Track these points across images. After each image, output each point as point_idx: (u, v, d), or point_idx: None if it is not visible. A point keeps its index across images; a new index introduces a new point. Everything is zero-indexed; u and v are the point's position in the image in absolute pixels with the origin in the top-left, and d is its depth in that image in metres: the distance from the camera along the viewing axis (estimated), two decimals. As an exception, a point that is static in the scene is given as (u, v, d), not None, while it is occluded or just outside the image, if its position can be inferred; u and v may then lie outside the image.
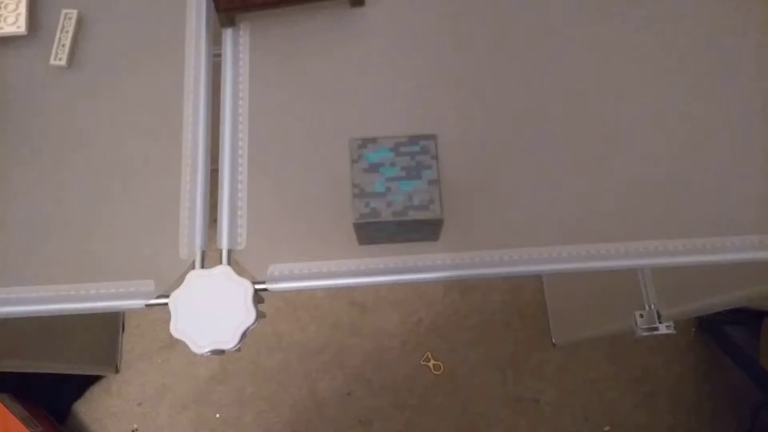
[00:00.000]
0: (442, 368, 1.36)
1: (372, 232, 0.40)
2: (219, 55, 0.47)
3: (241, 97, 0.45)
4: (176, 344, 1.27)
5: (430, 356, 1.36)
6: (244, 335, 0.39)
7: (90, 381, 1.28)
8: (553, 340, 1.36)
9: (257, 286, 0.40)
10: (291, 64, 0.46)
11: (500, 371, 1.36)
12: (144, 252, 0.41)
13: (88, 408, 1.28)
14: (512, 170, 0.44)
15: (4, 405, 1.07)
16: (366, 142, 0.39)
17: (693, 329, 1.39)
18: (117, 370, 1.27)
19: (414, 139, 0.39)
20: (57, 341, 1.07)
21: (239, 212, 0.42)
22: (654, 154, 0.45)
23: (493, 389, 1.35)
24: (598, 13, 0.47)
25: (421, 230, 0.40)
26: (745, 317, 1.34)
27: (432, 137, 0.39)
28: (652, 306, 0.90)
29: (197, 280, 0.40)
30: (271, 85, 0.45)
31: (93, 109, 0.45)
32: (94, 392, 1.29)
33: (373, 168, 0.39)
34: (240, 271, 0.41)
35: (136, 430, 1.26)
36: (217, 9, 0.44)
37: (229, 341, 0.38)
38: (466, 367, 1.36)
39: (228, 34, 0.46)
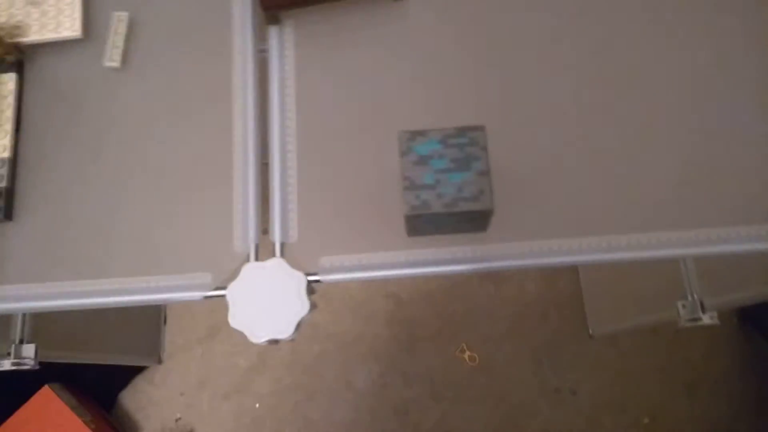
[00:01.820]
0: (477, 359, 1.36)
1: (422, 224, 0.40)
2: (265, 51, 0.48)
3: (288, 94, 0.46)
4: (216, 335, 1.30)
5: (465, 347, 1.37)
6: (298, 325, 0.40)
7: (135, 371, 1.32)
8: (590, 331, 1.35)
9: (310, 278, 0.41)
10: (336, 58, 0.47)
11: (536, 362, 1.36)
12: (200, 246, 0.43)
13: (133, 397, 1.32)
14: (560, 160, 0.44)
15: (56, 393, 1.12)
16: (415, 134, 0.40)
17: (735, 319, 1.36)
18: (160, 361, 1.31)
19: (462, 131, 0.39)
20: (103, 334, 1.11)
21: (290, 206, 0.43)
22: (699, 142, 0.44)
23: (529, 380, 1.35)
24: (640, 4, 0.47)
25: (471, 221, 0.41)
26: (790, 307, 1.30)
27: (480, 128, 0.39)
28: (695, 295, 0.88)
29: (252, 272, 0.41)
30: (317, 81, 0.46)
31: (147, 108, 0.47)
32: (139, 382, 1.33)
33: (423, 160, 0.39)
34: (293, 263, 0.42)
35: (180, 419, 1.30)
36: (263, 7, 0.45)
37: (284, 331, 0.39)
38: (501, 358, 1.36)
39: (273, 31, 0.47)
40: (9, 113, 0.46)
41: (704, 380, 1.34)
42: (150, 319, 1.29)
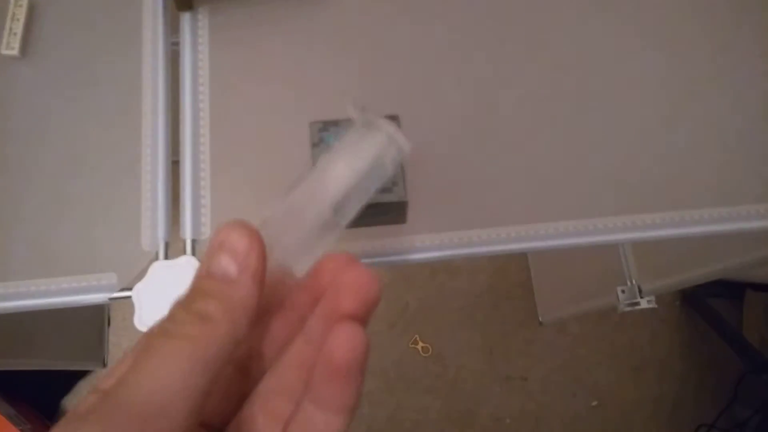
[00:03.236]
0: (430, 350, 1.36)
1: (337, 217, 0.39)
2: (177, 44, 0.46)
3: (201, 83, 0.44)
4: (163, 336, 1.27)
5: (418, 339, 1.37)
6: (210, 325, 0.38)
7: (78, 376, 1.27)
8: (540, 319, 1.37)
9: (223, 276, 0.39)
10: (252, 47, 0.45)
11: (488, 351, 1.37)
12: (105, 245, 0.40)
13: (77, 403, 1.27)
14: (481, 148, 0.43)
15: (-10, 403, 1.07)
16: (327, 124, 0.38)
17: (677, 303, 1.41)
18: (105, 365, 1.26)
19: (376, 121, 0.38)
20: (42, 338, 1.06)
21: (202, 201, 0.41)
22: (629, 126, 0.44)
23: (481, 369, 1.36)
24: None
25: (388, 213, 0.40)
26: (728, 290, 1.36)
27: (394, 117, 0.38)
28: (634, 281, 0.91)
29: (160, 271, 0.39)
30: (232, 70, 0.44)
31: (49, 98, 0.44)
32: (83, 387, 1.28)
33: (335, 151, 0.38)
34: (205, 260, 0.40)
35: (126, 422, 1.26)
36: (172, -8, 0.42)
37: (195, 332, 0.38)
38: (454, 349, 1.37)
39: (186, 19, 0.45)
40: None
41: (649, 362, 1.38)
42: (93, 321, 1.25)
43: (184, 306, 0.20)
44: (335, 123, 0.38)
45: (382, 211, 0.39)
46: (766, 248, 0.65)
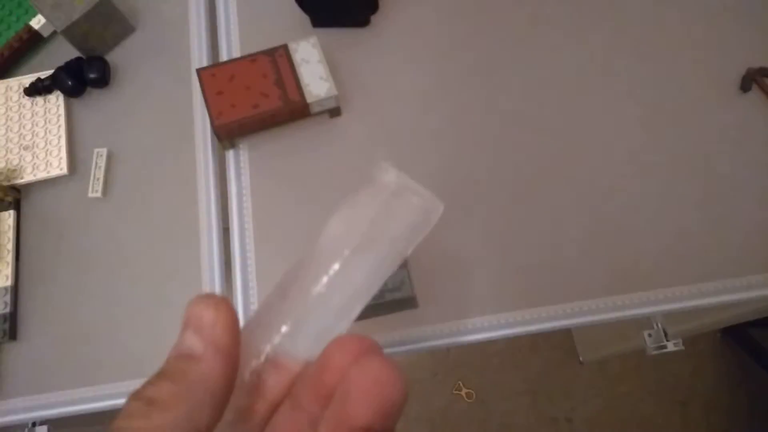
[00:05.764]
0: (474, 396, 1.40)
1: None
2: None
3: (246, 208, 0.53)
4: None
5: (461, 385, 1.41)
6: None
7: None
8: (580, 358, 1.40)
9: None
10: (285, 172, 0.55)
11: (531, 394, 1.40)
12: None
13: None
14: (494, 234, 0.51)
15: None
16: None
17: (718, 334, 1.41)
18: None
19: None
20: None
21: (251, 308, 0.50)
22: (642, 202, 0.50)
23: (525, 412, 1.39)
24: (576, 58, 0.55)
25: (401, 304, 0.48)
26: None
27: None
28: (659, 325, 0.94)
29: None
30: (270, 193, 0.54)
31: (126, 230, 0.55)
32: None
33: (353, 263, 0.47)
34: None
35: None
36: (219, 139, 0.53)
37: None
38: (497, 393, 1.40)
39: (230, 154, 0.55)
40: (9, 246, 0.54)
41: (695, 396, 1.38)
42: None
43: (135, 395, 0.19)
44: (353, 240, 0.47)
45: (396, 304, 0.47)
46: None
